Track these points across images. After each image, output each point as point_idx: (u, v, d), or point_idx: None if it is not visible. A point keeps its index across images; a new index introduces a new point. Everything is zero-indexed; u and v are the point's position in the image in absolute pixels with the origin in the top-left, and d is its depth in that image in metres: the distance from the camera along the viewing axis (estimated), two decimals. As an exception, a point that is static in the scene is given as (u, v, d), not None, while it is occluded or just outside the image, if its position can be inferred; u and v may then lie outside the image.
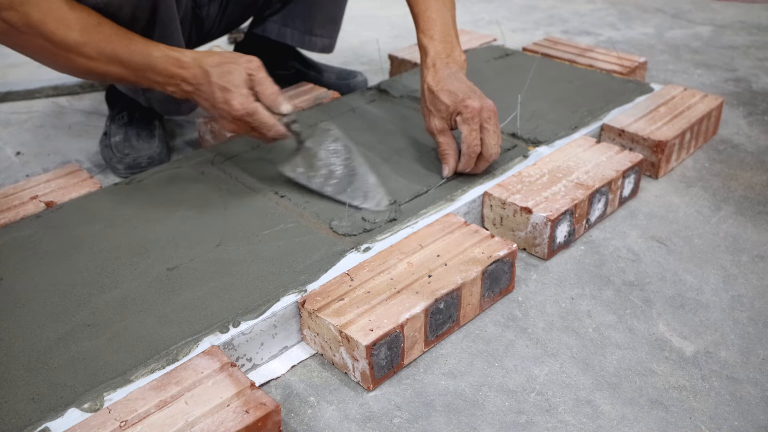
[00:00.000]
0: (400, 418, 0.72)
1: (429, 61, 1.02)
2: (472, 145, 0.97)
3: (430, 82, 1.00)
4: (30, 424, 0.65)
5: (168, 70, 0.88)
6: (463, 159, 0.99)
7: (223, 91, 0.87)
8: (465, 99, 0.96)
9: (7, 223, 0.96)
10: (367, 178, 0.99)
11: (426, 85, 1.01)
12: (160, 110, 1.22)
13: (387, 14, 2.19)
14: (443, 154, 1.02)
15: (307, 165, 0.98)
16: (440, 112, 0.99)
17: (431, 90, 1.00)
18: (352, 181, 0.98)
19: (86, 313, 0.78)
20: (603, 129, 1.20)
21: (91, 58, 0.87)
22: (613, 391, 0.76)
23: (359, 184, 0.98)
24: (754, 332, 0.84)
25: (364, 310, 0.77)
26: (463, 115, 0.96)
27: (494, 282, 0.86)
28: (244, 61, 0.89)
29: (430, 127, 1.02)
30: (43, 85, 1.59)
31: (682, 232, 1.02)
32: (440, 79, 1.00)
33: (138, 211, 0.97)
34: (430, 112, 1.01)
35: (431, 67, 1.02)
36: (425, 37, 1.04)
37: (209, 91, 0.88)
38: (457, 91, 0.98)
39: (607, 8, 2.18)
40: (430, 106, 1.01)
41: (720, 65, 1.68)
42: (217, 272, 0.84)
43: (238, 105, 0.87)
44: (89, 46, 0.86)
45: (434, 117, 1.01)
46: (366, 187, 0.98)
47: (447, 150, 1.01)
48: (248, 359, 0.77)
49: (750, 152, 1.24)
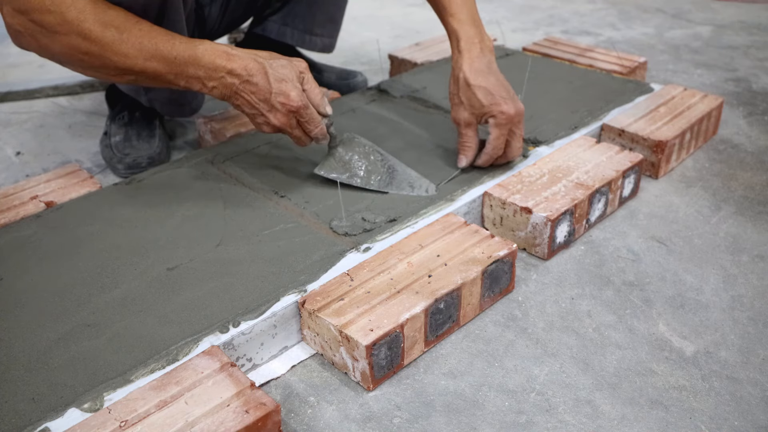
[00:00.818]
0: (400, 418, 0.72)
1: (463, 46, 1.01)
2: (497, 148, 1.00)
3: (467, 72, 0.99)
4: (30, 424, 0.65)
5: (214, 63, 0.87)
6: (483, 157, 1.02)
7: (280, 82, 0.88)
8: (501, 103, 0.97)
9: (7, 223, 0.96)
10: (408, 172, 1.03)
11: (462, 74, 1.00)
12: (162, 111, 1.22)
13: (387, 14, 2.19)
14: (464, 146, 1.03)
15: (344, 166, 1.01)
16: (473, 107, 1.00)
17: (468, 82, 0.99)
18: (394, 176, 1.02)
19: (86, 313, 0.78)
20: (603, 129, 1.20)
21: (128, 56, 0.86)
22: (613, 391, 0.76)
23: (402, 177, 1.02)
24: (754, 332, 0.84)
25: (364, 310, 0.77)
26: (497, 120, 0.98)
27: (494, 282, 0.86)
28: (294, 60, 0.92)
29: (458, 117, 1.02)
30: (43, 85, 1.59)
31: (682, 232, 1.03)
32: (477, 70, 0.99)
33: (138, 211, 0.97)
34: (461, 103, 1.01)
35: (466, 54, 1.01)
36: (454, 20, 1.03)
37: (264, 82, 0.88)
38: (494, 90, 0.98)
39: (607, 8, 2.18)
40: (463, 97, 1.00)
41: (720, 65, 1.68)
42: (217, 272, 0.84)
43: (296, 97, 0.88)
44: (128, 43, 0.85)
45: (464, 109, 1.01)
46: (410, 179, 1.02)
47: (468, 143, 1.03)
48: (248, 359, 0.77)
49: (750, 152, 1.24)
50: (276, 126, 0.91)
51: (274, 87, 0.88)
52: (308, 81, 0.92)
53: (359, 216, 0.94)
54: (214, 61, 0.87)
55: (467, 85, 0.99)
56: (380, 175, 1.01)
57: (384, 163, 1.02)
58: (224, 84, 0.88)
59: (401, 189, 1.00)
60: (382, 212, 0.95)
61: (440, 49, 1.56)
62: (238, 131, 1.18)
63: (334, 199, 0.98)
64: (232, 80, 0.88)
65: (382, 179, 1.01)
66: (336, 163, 1.01)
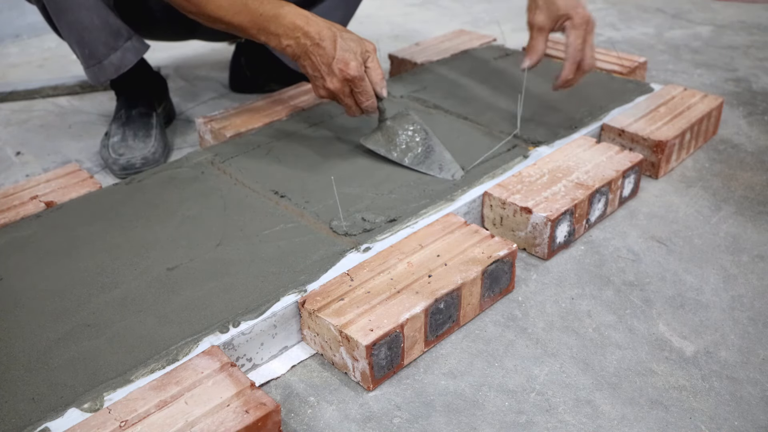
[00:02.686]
0: (400, 418, 0.72)
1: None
2: (577, 50, 1.06)
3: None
4: (30, 424, 0.65)
5: (294, 23, 0.97)
6: (567, 66, 1.07)
7: (344, 51, 0.97)
8: (578, 6, 1.05)
9: (7, 223, 0.96)
10: (443, 155, 1.06)
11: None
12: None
13: (387, 14, 2.19)
14: (532, 49, 1.09)
15: (388, 140, 1.07)
16: (550, 10, 1.07)
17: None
18: (429, 156, 1.06)
19: (86, 313, 0.78)
20: (603, 129, 1.20)
21: (221, 7, 0.98)
22: (613, 391, 0.76)
23: (436, 158, 1.06)
24: (754, 332, 0.84)
25: (364, 310, 0.77)
26: (574, 20, 1.05)
27: (494, 282, 0.86)
28: (365, 40, 1.01)
29: (534, 20, 1.09)
30: (43, 85, 1.59)
31: (682, 232, 1.03)
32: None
33: (138, 211, 0.97)
34: (539, 7, 1.08)
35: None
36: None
37: (330, 48, 0.97)
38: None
39: (607, 8, 2.18)
40: (542, 1, 1.07)
41: (720, 65, 1.68)
42: (217, 272, 0.84)
43: (355, 67, 0.97)
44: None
45: (541, 12, 1.08)
46: (442, 161, 1.06)
47: (537, 47, 1.09)
48: (248, 359, 0.77)
49: (750, 152, 1.24)
50: (330, 90, 0.99)
51: (338, 54, 0.96)
52: (372, 60, 1.00)
53: (359, 216, 0.94)
54: (294, 22, 0.97)
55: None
56: (416, 154, 1.06)
57: (425, 142, 1.07)
58: (298, 43, 0.98)
59: (430, 170, 1.05)
60: (382, 212, 0.95)
61: (440, 49, 1.56)
62: (238, 131, 1.18)
63: (334, 199, 0.98)
64: (305, 41, 0.97)
65: (416, 158, 1.06)
66: (380, 137, 1.08)
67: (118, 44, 1.15)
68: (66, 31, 1.13)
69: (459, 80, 1.38)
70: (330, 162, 1.08)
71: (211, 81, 1.65)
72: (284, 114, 1.24)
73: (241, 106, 1.28)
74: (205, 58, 1.80)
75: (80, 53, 1.15)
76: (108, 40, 1.14)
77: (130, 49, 1.16)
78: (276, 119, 1.22)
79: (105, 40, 1.13)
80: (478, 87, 1.34)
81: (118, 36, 1.15)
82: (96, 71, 1.16)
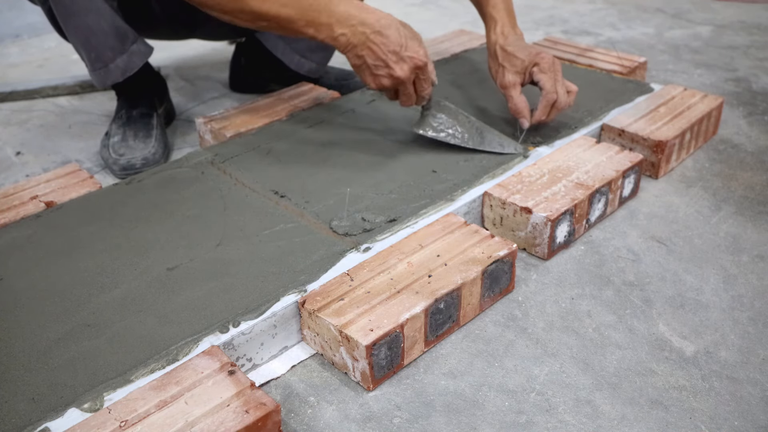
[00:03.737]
0: (400, 418, 0.72)
1: (498, 29, 1.14)
2: (551, 92, 1.07)
3: (502, 43, 1.12)
4: (30, 424, 0.65)
5: (348, 12, 0.94)
6: (540, 107, 1.09)
7: (410, 39, 0.96)
8: (540, 53, 1.09)
9: (7, 223, 0.96)
10: (494, 132, 1.11)
11: (498, 46, 1.12)
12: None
13: (387, 14, 2.19)
14: (518, 109, 1.10)
15: (440, 126, 1.09)
16: (515, 66, 1.10)
17: (504, 49, 1.11)
18: (484, 136, 1.10)
19: (86, 313, 0.78)
20: (603, 129, 1.20)
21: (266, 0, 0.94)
22: (613, 391, 0.76)
23: (492, 137, 1.10)
24: (754, 332, 0.84)
25: (364, 310, 0.77)
26: (541, 66, 1.08)
27: (494, 282, 0.86)
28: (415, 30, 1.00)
29: (504, 81, 1.11)
30: (43, 85, 1.59)
31: (682, 232, 1.03)
32: (511, 41, 1.12)
33: (138, 211, 0.97)
34: (504, 68, 1.11)
35: (500, 34, 1.13)
36: (493, 9, 1.16)
37: (396, 36, 0.95)
38: (530, 48, 1.11)
39: (607, 8, 2.18)
40: (504, 62, 1.11)
41: (720, 65, 1.68)
42: (217, 272, 0.84)
43: (425, 54, 0.97)
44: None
45: (508, 72, 1.11)
46: (499, 139, 1.10)
47: (520, 104, 1.10)
48: (248, 359, 0.77)
49: (750, 152, 1.24)
50: (399, 78, 0.96)
51: (407, 43, 0.95)
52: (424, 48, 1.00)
53: (359, 216, 0.94)
54: (348, 11, 0.94)
55: (505, 52, 1.11)
56: (472, 135, 1.09)
57: (472, 124, 1.10)
58: (355, 32, 0.94)
59: (493, 147, 1.08)
60: (382, 212, 0.95)
61: (440, 49, 1.56)
62: (238, 131, 1.18)
63: (334, 199, 0.98)
64: (363, 29, 0.94)
65: (474, 139, 1.09)
66: (434, 123, 1.09)
67: (124, 48, 1.15)
68: (73, 35, 1.13)
69: (459, 80, 1.38)
70: (330, 162, 1.08)
71: (211, 81, 1.65)
72: (284, 114, 1.24)
73: (241, 106, 1.28)
74: (205, 58, 1.80)
75: (86, 56, 1.15)
76: (115, 44, 1.14)
77: (136, 52, 1.16)
78: (276, 119, 1.23)
79: (112, 44, 1.13)
80: (478, 87, 1.34)
81: (124, 40, 1.15)
82: (102, 75, 1.16)
